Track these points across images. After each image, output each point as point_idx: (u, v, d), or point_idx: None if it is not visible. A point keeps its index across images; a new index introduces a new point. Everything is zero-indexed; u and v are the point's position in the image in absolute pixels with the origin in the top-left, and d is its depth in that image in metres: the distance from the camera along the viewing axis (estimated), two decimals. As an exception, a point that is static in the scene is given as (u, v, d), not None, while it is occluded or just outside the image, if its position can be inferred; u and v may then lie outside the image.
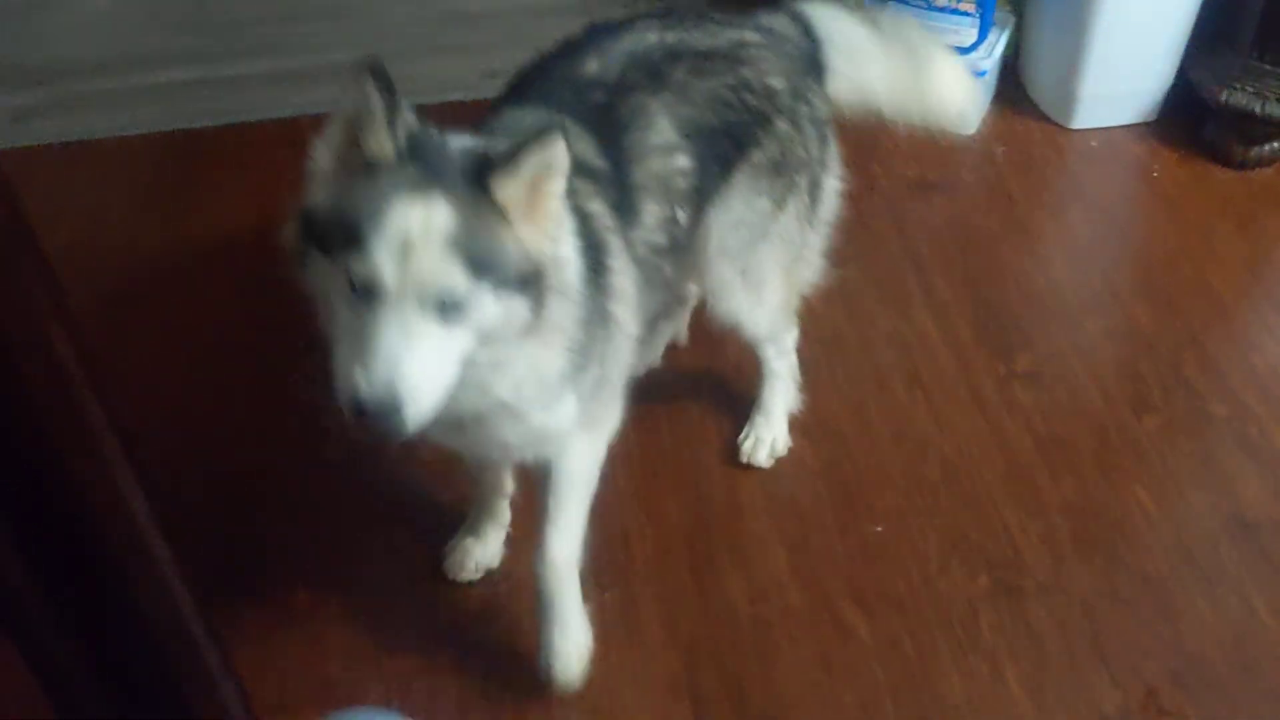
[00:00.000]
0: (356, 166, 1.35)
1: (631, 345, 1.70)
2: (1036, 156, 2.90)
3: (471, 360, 1.39)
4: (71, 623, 1.13)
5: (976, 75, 2.83)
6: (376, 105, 1.32)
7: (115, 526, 1.11)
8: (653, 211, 1.70)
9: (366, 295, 1.31)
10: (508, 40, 1.48)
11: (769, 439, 2.18)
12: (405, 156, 1.35)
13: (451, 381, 1.37)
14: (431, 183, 1.33)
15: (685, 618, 1.95)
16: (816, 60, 1.93)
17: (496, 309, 1.36)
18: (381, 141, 1.34)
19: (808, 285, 2.07)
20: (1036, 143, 2.93)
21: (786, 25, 1.91)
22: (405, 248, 1.29)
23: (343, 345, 1.36)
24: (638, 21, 1.79)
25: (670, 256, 1.75)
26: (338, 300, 1.36)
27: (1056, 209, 2.82)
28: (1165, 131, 2.92)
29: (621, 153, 1.67)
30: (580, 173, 1.56)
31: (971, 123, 2.88)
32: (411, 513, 2.11)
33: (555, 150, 1.35)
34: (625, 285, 1.64)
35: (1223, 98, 2.74)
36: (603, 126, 1.66)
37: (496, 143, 1.44)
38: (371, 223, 1.30)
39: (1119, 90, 2.88)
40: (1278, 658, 1.88)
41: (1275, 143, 2.77)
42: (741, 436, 2.20)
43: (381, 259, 1.29)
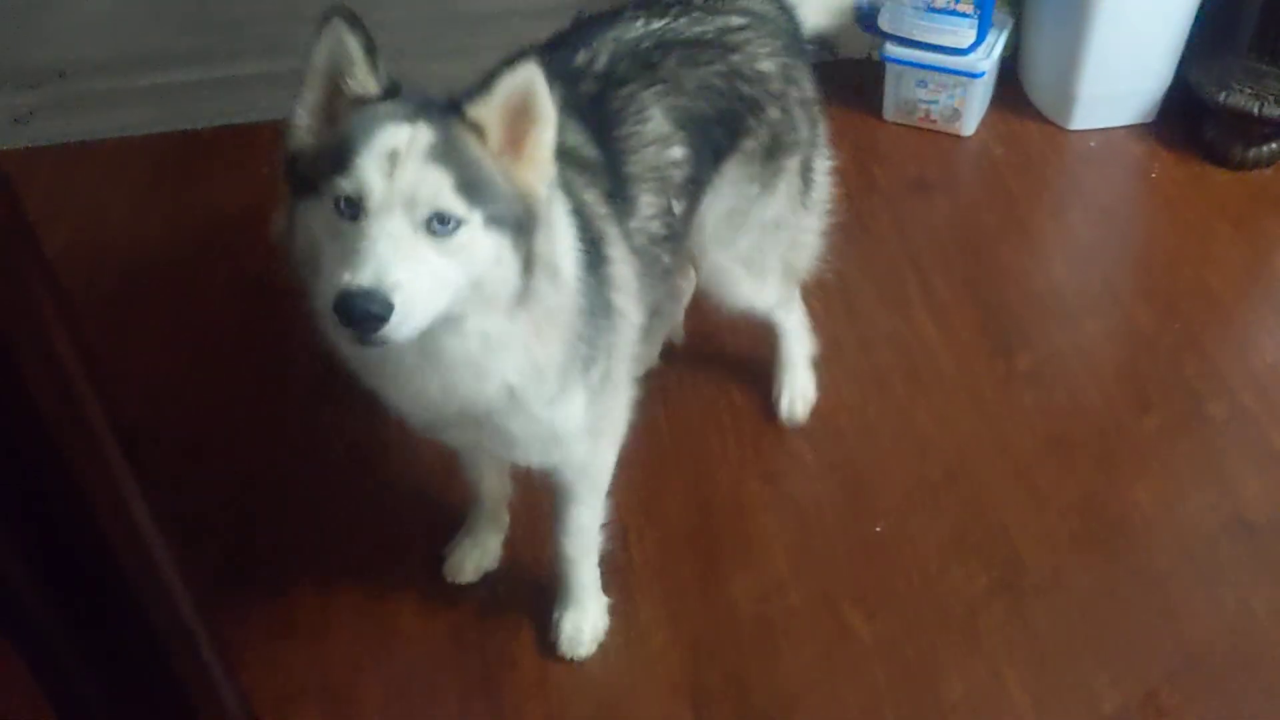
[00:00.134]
0: (340, 110, 1.37)
1: (636, 334, 1.70)
2: (1035, 157, 2.91)
3: (459, 325, 1.38)
4: (71, 623, 1.13)
5: (975, 76, 2.84)
6: (354, 46, 1.35)
7: (115, 526, 1.11)
8: (649, 203, 1.71)
9: (354, 213, 1.30)
10: (506, 43, 1.48)
11: (802, 390, 2.25)
12: (389, 91, 1.37)
13: (440, 308, 1.33)
14: (416, 111, 1.35)
15: (686, 617, 1.95)
16: (799, 38, 1.96)
17: (487, 244, 1.34)
18: (364, 78, 1.36)
19: (807, 266, 2.10)
20: (1035, 143, 2.93)
21: (765, 5, 1.93)
22: (392, 158, 1.29)
23: (331, 273, 1.32)
24: (624, 11, 1.80)
25: (668, 245, 1.76)
26: (326, 238, 1.33)
27: (1056, 209, 2.83)
28: (1164, 132, 2.92)
29: (616, 144, 1.67)
30: (575, 164, 1.57)
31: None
32: (411, 513, 2.11)
33: (526, 74, 1.35)
34: (626, 274, 1.65)
35: (1221, 98, 2.75)
36: (595, 118, 1.66)
37: None
38: (359, 143, 1.31)
39: (1118, 91, 2.89)
40: (1276, 657, 1.88)
41: (1274, 143, 2.78)
42: (775, 397, 2.25)
43: (369, 170, 1.29)
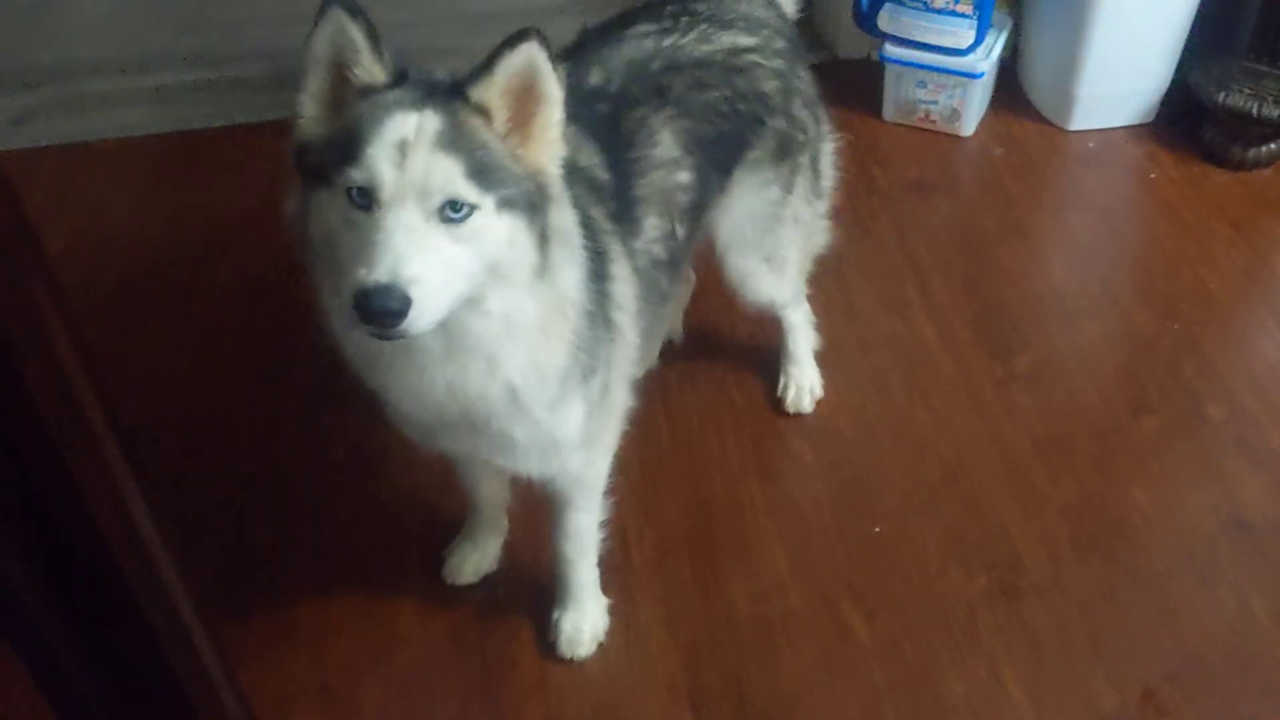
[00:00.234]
0: (346, 99, 1.36)
1: (632, 354, 1.72)
2: (1035, 158, 2.91)
3: (481, 305, 1.37)
4: (71, 623, 1.13)
5: (974, 77, 2.84)
6: (357, 34, 1.34)
7: (115, 527, 1.11)
8: (654, 225, 1.73)
9: (367, 205, 1.30)
10: (509, 43, 1.49)
11: (807, 383, 2.29)
12: (396, 79, 1.37)
13: (458, 295, 1.33)
14: (423, 98, 1.34)
15: (685, 618, 1.95)
16: (796, 41, 2.00)
17: (500, 227, 1.35)
18: (371, 66, 1.36)
19: (820, 250, 2.16)
20: (1034, 144, 2.94)
21: (762, 9, 1.95)
22: (402, 148, 1.29)
23: (347, 266, 1.32)
24: (631, 23, 1.81)
25: (667, 270, 1.78)
26: (342, 228, 1.33)
27: (1054, 210, 2.83)
28: (1163, 133, 2.93)
29: (626, 167, 1.69)
30: (586, 184, 1.59)
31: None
32: (411, 516, 2.11)
33: (527, 52, 1.34)
34: (627, 294, 1.66)
35: (1220, 99, 2.75)
36: (608, 138, 1.68)
37: None
38: (368, 133, 1.31)
39: (1117, 92, 2.89)
40: (1275, 657, 1.88)
41: (1272, 144, 2.78)
42: (780, 389, 2.29)
43: (379, 161, 1.29)
